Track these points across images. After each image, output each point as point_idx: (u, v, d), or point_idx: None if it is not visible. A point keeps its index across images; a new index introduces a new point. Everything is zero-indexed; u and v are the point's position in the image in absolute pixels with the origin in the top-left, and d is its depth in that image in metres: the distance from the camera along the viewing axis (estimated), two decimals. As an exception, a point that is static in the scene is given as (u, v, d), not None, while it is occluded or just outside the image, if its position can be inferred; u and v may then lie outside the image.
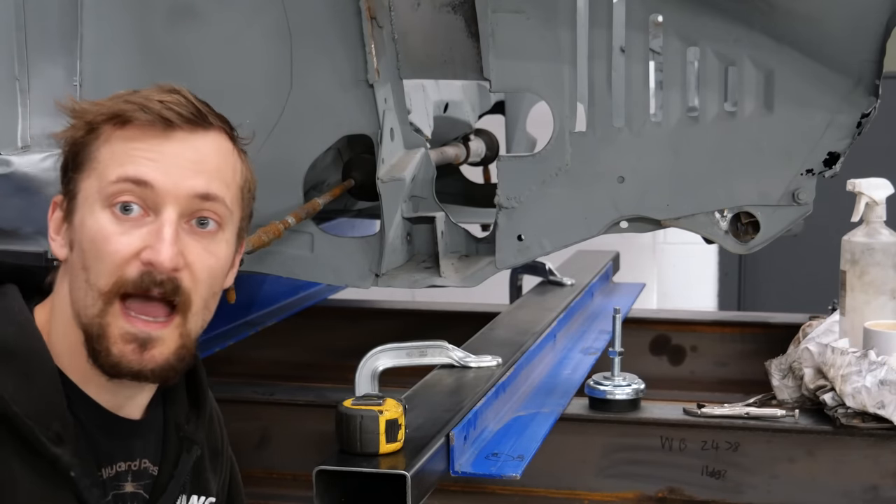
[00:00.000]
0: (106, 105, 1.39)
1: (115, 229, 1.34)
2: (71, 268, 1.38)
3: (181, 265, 1.35)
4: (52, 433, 1.32)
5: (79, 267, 1.36)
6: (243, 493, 1.68)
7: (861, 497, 2.15)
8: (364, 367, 2.08)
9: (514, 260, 2.21)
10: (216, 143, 1.41)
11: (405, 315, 3.29)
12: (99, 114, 1.38)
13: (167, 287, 1.34)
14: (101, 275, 1.34)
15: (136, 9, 2.15)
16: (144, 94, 1.39)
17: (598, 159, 2.13)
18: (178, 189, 1.35)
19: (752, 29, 2.04)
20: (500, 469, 1.85)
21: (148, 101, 1.37)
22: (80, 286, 1.36)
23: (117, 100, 1.40)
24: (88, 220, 1.35)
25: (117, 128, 1.37)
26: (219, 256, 1.40)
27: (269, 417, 2.45)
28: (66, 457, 1.32)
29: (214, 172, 1.39)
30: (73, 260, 1.37)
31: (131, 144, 1.36)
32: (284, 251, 2.24)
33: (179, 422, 1.50)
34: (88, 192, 1.37)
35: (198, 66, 2.15)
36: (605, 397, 2.29)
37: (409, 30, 2.17)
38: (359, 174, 2.36)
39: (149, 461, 1.45)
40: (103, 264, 1.34)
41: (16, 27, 2.10)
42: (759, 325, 3.10)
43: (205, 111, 1.40)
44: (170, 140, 1.37)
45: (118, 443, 1.42)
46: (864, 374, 2.10)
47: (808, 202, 2.09)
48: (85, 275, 1.35)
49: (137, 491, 1.43)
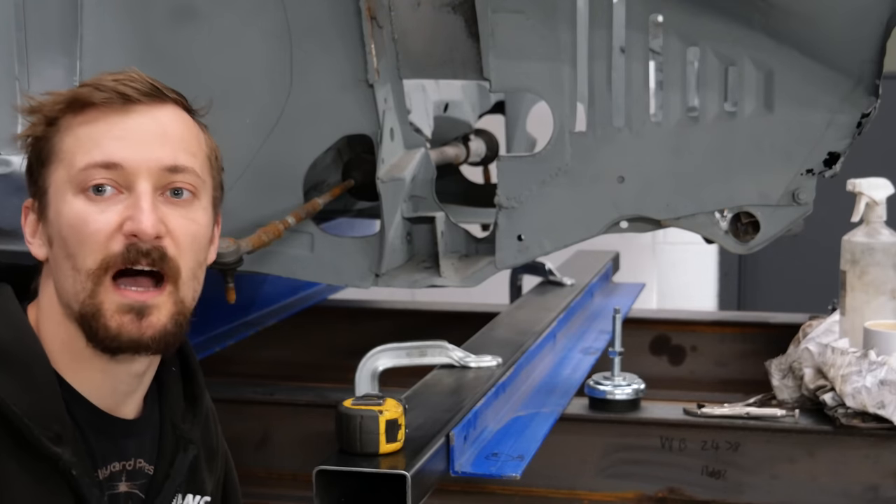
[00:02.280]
0: (60, 94, 1.39)
1: (92, 209, 1.34)
2: (54, 261, 1.38)
3: (163, 232, 1.35)
4: (52, 433, 1.32)
5: (62, 257, 1.36)
6: (239, 491, 1.67)
7: (861, 497, 2.15)
8: (364, 367, 2.09)
9: (514, 260, 2.21)
10: (175, 114, 1.41)
11: (405, 315, 3.29)
12: (55, 104, 1.38)
13: (154, 255, 1.34)
14: (86, 256, 1.34)
15: (136, 9, 2.14)
16: (96, 78, 1.39)
17: (598, 159, 2.13)
18: (148, 163, 1.36)
19: (752, 29, 2.04)
20: (500, 469, 1.85)
21: (100, 81, 1.37)
22: (66, 275, 1.35)
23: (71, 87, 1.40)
24: (64, 208, 1.35)
25: (77, 114, 1.37)
26: (199, 223, 1.40)
27: (269, 417, 2.45)
28: (67, 456, 1.32)
29: (179, 143, 1.39)
30: (56, 253, 1.37)
31: (93, 127, 1.36)
32: (284, 251, 2.24)
33: (176, 421, 1.49)
34: (58, 183, 1.36)
35: (198, 66, 2.15)
36: (605, 397, 2.29)
37: (409, 30, 2.17)
38: (359, 174, 2.36)
39: (144, 461, 1.45)
40: (87, 245, 1.34)
41: (16, 27, 2.10)
42: (759, 325, 3.10)
43: (159, 86, 1.40)
44: (130, 115, 1.37)
45: (112, 443, 1.41)
46: (864, 374, 2.10)
47: (808, 202, 2.09)
48: (70, 262, 1.34)
49: (132, 491, 1.43)
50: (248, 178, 2.20)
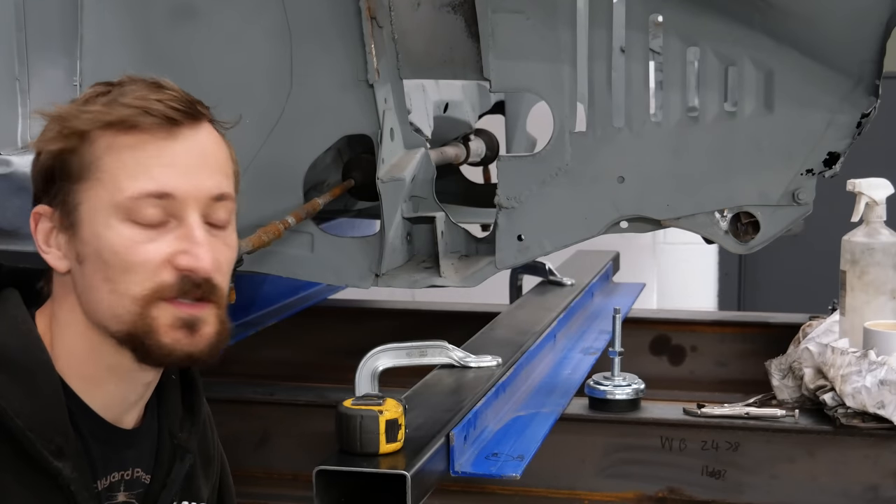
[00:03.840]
0: (100, 111, 1.34)
1: (141, 238, 1.32)
2: (84, 279, 1.35)
3: (218, 267, 1.36)
4: (53, 446, 1.30)
5: (99, 278, 1.33)
6: (234, 492, 1.67)
7: (861, 497, 2.15)
8: (364, 367, 2.08)
9: (514, 260, 2.21)
10: (211, 134, 1.39)
11: (405, 315, 3.29)
12: (94, 121, 1.34)
13: (205, 288, 1.34)
14: (133, 284, 1.32)
15: (136, 9, 2.15)
16: (137, 94, 1.35)
17: (598, 159, 2.13)
18: (197, 193, 1.34)
19: (752, 29, 2.04)
20: (500, 469, 1.85)
21: (147, 103, 1.33)
22: (102, 296, 1.33)
23: (108, 103, 1.35)
24: (107, 232, 1.32)
25: (120, 134, 1.33)
26: (233, 247, 1.41)
27: (269, 417, 2.45)
28: (67, 471, 1.31)
29: (220, 167, 1.39)
30: (87, 272, 1.34)
31: (140, 151, 1.33)
32: (284, 251, 2.24)
33: (173, 429, 1.48)
34: (97, 203, 1.33)
35: (198, 66, 2.15)
36: (605, 397, 2.29)
37: (409, 30, 2.17)
38: (359, 174, 2.36)
39: (141, 470, 1.44)
40: (134, 274, 1.32)
41: (16, 27, 2.10)
42: (759, 325, 3.09)
43: (195, 102, 1.38)
44: (176, 140, 1.34)
45: (113, 453, 1.40)
46: (864, 374, 2.10)
47: (808, 202, 2.09)
48: (110, 285, 1.32)
49: (130, 500, 1.42)
50: (248, 178, 2.18)
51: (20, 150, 2.09)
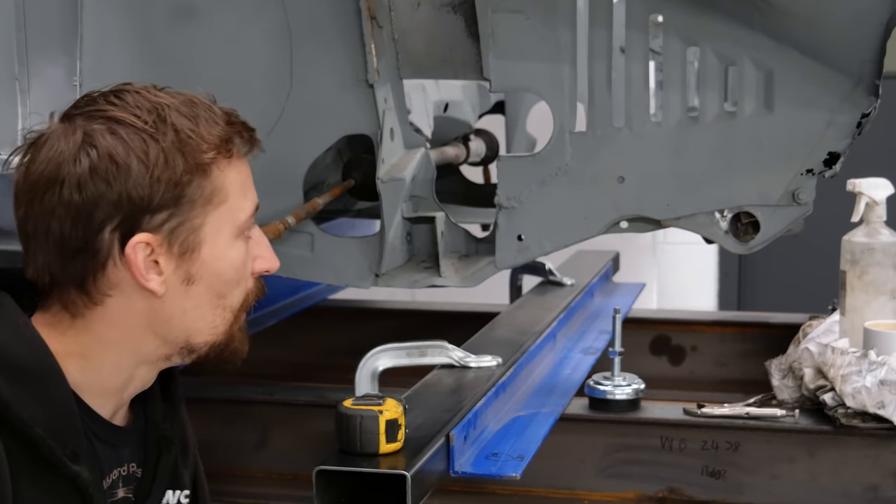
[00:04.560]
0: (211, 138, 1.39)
1: (248, 252, 1.46)
2: (190, 300, 1.40)
3: None
4: (68, 451, 1.32)
5: (211, 296, 1.41)
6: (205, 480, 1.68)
7: (861, 497, 2.15)
8: (364, 367, 2.08)
9: (514, 260, 2.21)
10: None
11: (405, 315, 3.29)
12: (209, 149, 1.40)
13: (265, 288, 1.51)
14: (236, 296, 1.44)
15: (136, 9, 2.14)
16: (213, 113, 1.42)
17: (598, 159, 2.13)
18: (257, 201, 1.49)
19: (752, 29, 2.04)
20: (500, 469, 1.85)
21: (233, 127, 1.43)
22: (206, 313, 1.42)
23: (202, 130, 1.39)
24: (230, 252, 1.42)
25: (226, 157, 1.41)
26: None
27: (269, 417, 2.45)
28: (85, 474, 1.33)
29: None
30: (197, 292, 1.40)
31: (242, 172, 1.44)
32: (284, 251, 2.23)
33: (157, 420, 1.51)
34: (220, 226, 1.40)
35: (198, 66, 2.15)
36: (605, 397, 2.29)
37: (409, 30, 2.17)
38: (359, 174, 2.35)
39: (135, 464, 1.47)
40: (239, 287, 1.44)
41: (16, 27, 2.10)
42: (759, 325, 3.09)
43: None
44: (244, 158, 1.46)
45: (113, 451, 1.43)
46: (864, 374, 2.10)
47: (808, 202, 2.09)
48: (221, 301, 1.42)
49: (127, 496, 1.44)
50: (248, 178, 2.20)
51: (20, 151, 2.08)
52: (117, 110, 1.36)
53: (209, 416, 2.37)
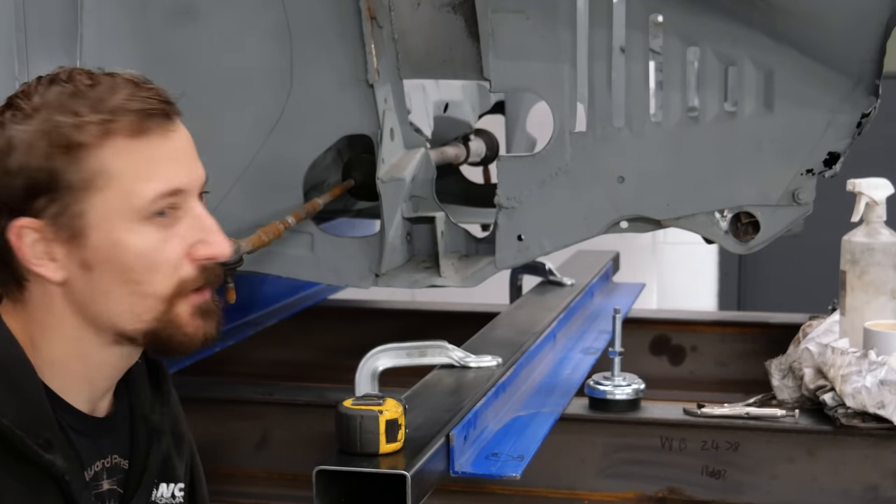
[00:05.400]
0: (101, 119, 1.32)
1: (160, 236, 1.34)
2: (92, 285, 1.35)
3: None
4: (41, 440, 1.31)
5: (115, 283, 1.34)
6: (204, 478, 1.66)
7: (861, 497, 2.15)
8: (364, 367, 2.08)
9: (514, 260, 2.21)
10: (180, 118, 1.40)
11: (405, 315, 3.29)
12: (100, 133, 1.31)
13: (218, 272, 1.39)
14: (157, 283, 1.35)
15: (136, 9, 2.15)
16: (124, 93, 1.33)
17: (598, 159, 2.13)
18: (196, 181, 1.37)
19: (752, 29, 2.04)
20: (500, 469, 1.85)
21: (144, 103, 1.33)
22: (119, 300, 1.35)
23: (101, 108, 1.32)
24: (128, 237, 1.33)
25: (126, 138, 1.33)
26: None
27: (269, 417, 2.45)
28: (60, 462, 1.32)
29: (196, 149, 1.41)
30: (97, 279, 1.34)
31: (147, 153, 1.33)
32: (284, 251, 2.24)
33: (145, 412, 1.49)
34: (108, 210, 1.32)
35: (198, 66, 2.16)
36: (605, 397, 2.29)
37: (409, 30, 2.17)
38: (359, 174, 2.36)
39: (118, 456, 1.45)
40: (160, 272, 1.35)
41: (16, 27, 2.10)
42: (759, 325, 3.10)
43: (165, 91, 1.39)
44: (173, 135, 1.36)
45: (93, 443, 1.41)
46: (864, 374, 2.10)
47: (808, 202, 2.09)
48: (131, 287, 1.34)
49: (112, 487, 1.43)
50: (248, 177, 2.20)
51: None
52: (21, 95, 1.35)
53: (209, 416, 2.37)
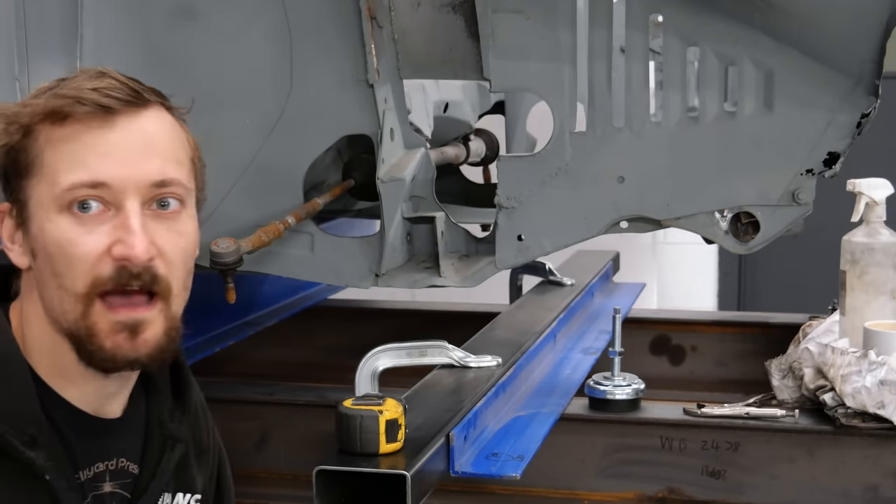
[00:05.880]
0: (38, 104, 1.32)
1: (79, 230, 1.30)
2: (38, 274, 1.34)
3: (155, 253, 1.31)
4: (26, 437, 1.29)
5: (48, 274, 1.32)
6: (232, 488, 1.66)
7: (861, 497, 2.15)
8: (364, 367, 2.08)
9: (514, 260, 2.21)
10: (158, 119, 1.35)
11: (405, 315, 3.29)
12: (34, 114, 1.32)
13: (145, 278, 1.30)
14: (75, 278, 1.30)
15: (136, 9, 2.15)
16: (74, 84, 1.33)
17: (598, 159, 2.13)
18: (135, 180, 1.31)
19: (752, 29, 2.04)
20: (500, 469, 1.85)
21: (81, 92, 1.31)
22: (53, 293, 1.32)
23: (48, 95, 1.33)
24: (48, 226, 1.31)
25: (56, 126, 1.31)
26: (187, 235, 1.37)
27: (269, 417, 2.45)
28: (41, 460, 1.30)
29: (167, 152, 1.34)
30: (40, 268, 1.33)
31: (76, 142, 1.30)
32: (284, 251, 2.24)
33: (163, 419, 1.47)
34: (41, 198, 1.31)
35: (198, 66, 2.16)
36: (605, 397, 2.29)
37: (409, 30, 2.17)
38: (359, 174, 2.36)
39: (127, 460, 1.43)
40: (75, 268, 1.30)
41: (16, 27, 2.10)
42: (759, 325, 3.10)
43: (138, 88, 1.34)
44: (113, 128, 1.31)
45: (94, 443, 1.39)
46: (864, 374, 2.10)
47: (808, 202, 2.09)
48: (57, 281, 1.31)
49: (116, 491, 1.41)
50: (248, 178, 2.20)
51: None
52: None
53: (209, 416, 2.37)
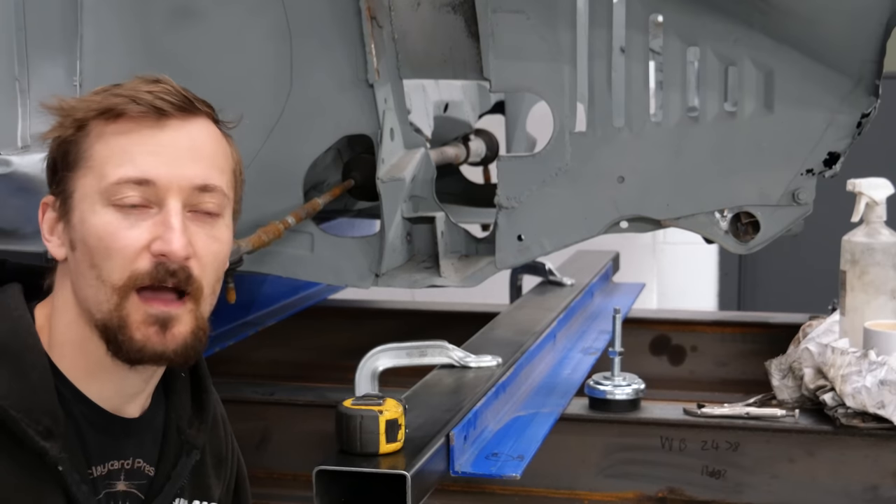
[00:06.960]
0: (94, 100, 1.38)
1: (122, 224, 1.34)
2: (75, 267, 1.37)
3: (191, 253, 1.36)
4: (41, 427, 1.32)
5: (86, 265, 1.35)
6: (250, 499, 1.67)
7: (861, 497, 2.15)
8: (364, 367, 2.09)
9: (514, 260, 2.21)
10: (206, 129, 1.41)
11: (405, 315, 3.29)
12: (88, 110, 1.37)
13: (180, 276, 1.35)
14: (113, 270, 1.34)
15: (136, 9, 2.15)
16: (131, 86, 1.38)
17: (598, 159, 2.13)
18: (179, 181, 1.36)
19: (752, 29, 2.04)
20: (500, 469, 1.85)
21: (137, 93, 1.36)
22: (89, 284, 1.35)
23: (104, 94, 1.38)
24: (91, 218, 1.35)
25: (109, 122, 1.36)
26: (222, 241, 1.41)
27: (269, 417, 2.45)
28: (54, 451, 1.32)
29: (210, 159, 1.40)
30: (78, 259, 1.36)
31: (126, 139, 1.36)
32: (284, 251, 2.24)
33: (181, 425, 1.49)
34: (86, 190, 1.36)
35: (198, 66, 2.15)
36: (605, 397, 2.29)
37: (409, 30, 2.17)
38: (359, 174, 2.36)
39: (143, 461, 1.45)
40: (114, 260, 1.34)
41: (16, 27, 2.10)
42: (759, 325, 3.10)
43: (191, 97, 1.40)
44: (164, 130, 1.37)
45: (110, 441, 1.41)
46: (864, 374, 2.10)
47: (808, 202, 2.09)
48: (95, 272, 1.34)
49: (130, 490, 1.43)
50: (248, 178, 2.19)
51: (20, 150, 2.09)
52: None
53: (209, 416, 2.37)
